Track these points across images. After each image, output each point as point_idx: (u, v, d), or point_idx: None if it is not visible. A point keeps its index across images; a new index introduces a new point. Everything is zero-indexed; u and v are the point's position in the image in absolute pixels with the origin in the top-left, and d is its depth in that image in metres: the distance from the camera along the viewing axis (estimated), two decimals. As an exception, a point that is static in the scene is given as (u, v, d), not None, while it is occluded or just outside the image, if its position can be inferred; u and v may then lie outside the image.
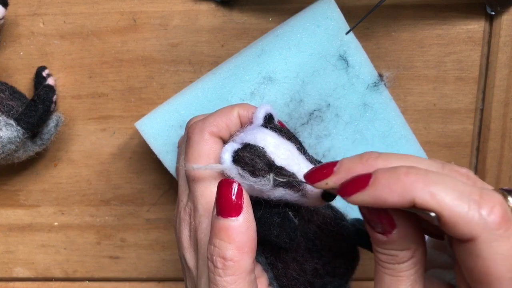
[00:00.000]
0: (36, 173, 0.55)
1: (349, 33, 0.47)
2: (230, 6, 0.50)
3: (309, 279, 0.40)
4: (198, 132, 0.39)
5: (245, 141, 0.37)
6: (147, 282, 0.59)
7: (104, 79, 0.52)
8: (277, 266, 0.40)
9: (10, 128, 0.47)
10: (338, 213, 0.43)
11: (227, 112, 0.40)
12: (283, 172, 0.36)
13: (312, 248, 0.40)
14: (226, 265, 0.34)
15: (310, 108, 0.48)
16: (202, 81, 0.48)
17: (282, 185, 0.36)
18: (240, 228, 0.35)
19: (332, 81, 0.48)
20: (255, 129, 0.37)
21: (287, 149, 0.36)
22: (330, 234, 0.41)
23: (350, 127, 0.48)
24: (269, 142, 0.36)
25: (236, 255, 0.34)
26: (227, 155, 0.36)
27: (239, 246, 0.34)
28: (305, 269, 0.40)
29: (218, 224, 0.35)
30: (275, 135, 0.37)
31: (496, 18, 0.50)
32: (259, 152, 0.36)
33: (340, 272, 0.41)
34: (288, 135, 0.37)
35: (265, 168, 0.36)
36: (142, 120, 0.48)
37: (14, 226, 0.57)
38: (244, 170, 0.36)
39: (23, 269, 0.59)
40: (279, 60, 0.47)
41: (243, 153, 0.36)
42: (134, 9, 0.50)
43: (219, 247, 0.34)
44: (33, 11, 0.51)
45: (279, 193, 0.36)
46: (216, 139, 0.39)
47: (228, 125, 0.39)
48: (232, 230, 0.34)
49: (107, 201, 0.56)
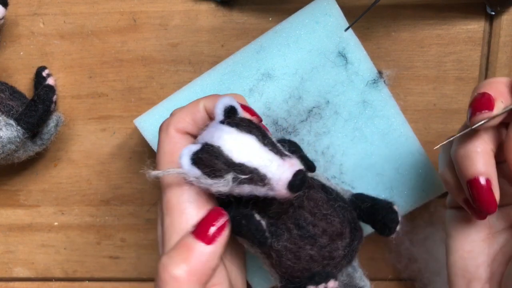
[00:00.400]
0: (36, 173, 0.55)
1: (348, 30, 0.47)
2: (230, 6, 0.50)
3: (305, 266, 0.40)
4: (164, 130, 0.39)
5: (204, 140, 0.36)
6: (147, 282, 0.59)
7: (104, 79, 0.52)
8: (271, 256, 0.40)
9: (10, 128, 0.47)
10: (332, 194, 0.42)
11: (192, 106, 0.39)
12: (244, 168, 0.35)
13: (305, 234, 0.40)
14: (167, 279, 0.34)
15: (309, 105, 0.48)
16: (202, 78, 0.48)
17: (246, 182, 0.35)
18: (202, 256, 0.35)
19: (331, 78, 0.48)
20: (213, 127, 0.37)
21: (246, 144, 0.35)
22: (324, 218, 0.40)
23: (349, 124, 0.48)
24: (225, 139, 0.35)
25: (182, 275, 0.35)
26: (185, 159, 0.35)
27: (192, 271, 0.35)
28: (299, 256, 0.40)
29: (186, 241, 0.36)
30: (232, 130, 0.36)
31: (496, 18, 0.50)
32: (215, 151, 0.35)
33: (339, 254, 0.41)
34: (248, 128, 0.36)
35: (224, 168, 0.35)
36: (141, 117, 0.48)
37: (14, 226, 0.57)
38: (202, 173, 0.35)
39: (23, 269, 0.59)
40: (278, 56, 0.47)
41: (202, 155, 0.35)
42: (134, 9, 0.51)
43: (173, 261, 0.35)
44: (33, 11, 0.51)
45: (245, 190, 0.35)
46: (182, 135, 0.39)
47: (194, 120, 0.39)
48: (194, 253, 0.35)
49: (107, 201, 0.56)
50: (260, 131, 0.36)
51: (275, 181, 0.35)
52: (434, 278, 0.54)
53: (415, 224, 0.54)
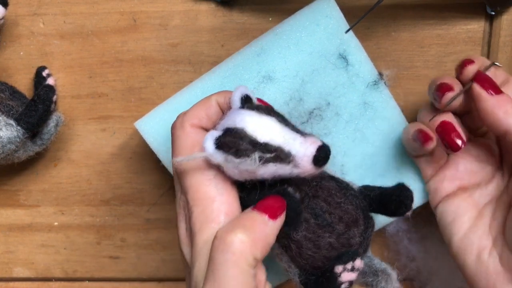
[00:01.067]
0: (36, 173, 0.55)
1: (349, 32, 0.47)
2: (230, 6, 0.50)
3: (325, 254, 0.40)
4: (179, 127, 0.39)
5: (225, 126, 0.37)
6: (147, 282, 0.59)
7: (104, 79, 0.52)
8: (290, 248, 0.40)
9: (10, 128, 0.47)
10: (343, 184, 0.43)
11: (205, 102, 0.40)
12: (268, 147, 0.35)
13: (322, 223, 0.40)
14: (233, 241, 0.34)
15: (310, 107, 0.48)
16: (202, 80, 0.48)
17: (271, 160, 0.35)
18: (266, 227, 0.36)
19: (332, 79, 0.48)
20: (233, 113, 0.37)
21: (268, 124, 0.36)
22: (338, 206, 0.41)
23: (350, 125, 0.48)
24: (247, 122, 0.36)
25: (246, 240, 0.34)
26: (209, 143, 0.36)
27: (255, 239, 0.35)
28: (319, 245, 0.40)
29: (248, 215, 0.36)
30: (252, 113, 0.37)
31: (496, 18, 0.50)
32: (239, 133, 0.36)
33: (356, 241, 0.41)
34: (267, 111, 0.37)
35: (249, 148, 0.35)
36: (141, 119, 0.48)
37: (14, 226, 0.57)
38: (227, 153, 0.36)
39: (23, 269, 0.59)
40: (278, 59, 0.47)
41: (224, 139, 0.36)
42: (134, 9, 0.50)
43: (235, 227, 0.35)
44: (33, 11, 0.51)
45: (270, 170, 0.36)
46: (198, 130, 0.39)
47: (208, 114, 0.40)
48: (258, 224, 0.35)
49: (107, 201, 0.56)
50: (278, 114, 0.38)
51: (299, 157, 0.35)
52: (432, 277, 0.54)
53: (413, 223, 0.54)
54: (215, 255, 0.34)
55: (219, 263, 0.34)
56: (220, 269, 0.34)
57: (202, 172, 0.38)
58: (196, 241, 0.37)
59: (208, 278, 0.34)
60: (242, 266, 0.34)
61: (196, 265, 0.36)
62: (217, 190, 0.37)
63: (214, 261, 0.34)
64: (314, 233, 0.40)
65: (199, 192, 0.37)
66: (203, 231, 0.37)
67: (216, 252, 0.34)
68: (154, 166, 0.54)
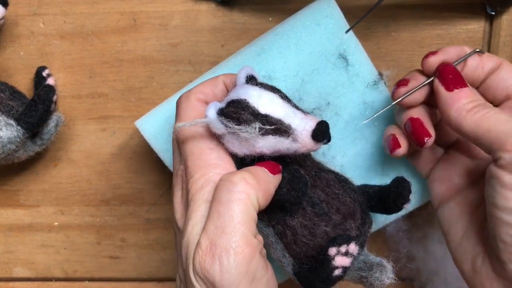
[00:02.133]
0: (36, 173, 0.55)
1: (349, 32, 0.47)
2: (230, 6, 0.50)
3: (320, 243, 0.40)
4: (184, 100, 0.40)
5: (229, 99, 0.37)
6: (147, 282, 0.59)
7: (104, 79, 0.52)
8: (286, 234, 0.40)
9: (10, 128, 0.47)
10: (341, 177, 0.43)
11: (212, 80, 0.41)
12: (269, 119, 0.36)
13: (319, 211, 0.40)
14: (239, 180, 0.35)
15: (309, 106, 0.48)
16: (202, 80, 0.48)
17: (271, 132, 0.36)
18: (268, 176, 0.37)
19: (332, 79, 0.48)
20: (237, 87, 0.38)
21: (270, 98, 0.37)
22: (336, 197, 0.41)
23: (350, 125, 0.48)
24: (251, 94, 0.37)
25: (252, 181, 0.35)
26: (211, 111, 0.36)
27: (258, 181, 0.36)
28: (314, 233, 0.40)
29: (251, 168, 0.37)
30: (256, 87, 0.37)
31: (496, 18, 0.50)
32: (242, 104, 0.37)
33: (352, 234, 0.41)
34: (270, 87, 0.38)
35: (250, 118, 0.36)
36: (142, 118, 0.48)
37: (14, 226, 0.57)
38: (228, 121, 0.36)
39: (23, 269, 0.59)
40: (278, 58, 0.47)
41: (227, 109, 0.37)
42: (134, 9, 0.50)
43: (241, 171, 0.36)
44: (33, 11, 0.51)
45: (269, 143, 0.37)
46: (203, 104, 0.40)
47: (214, 92, 0.40)
48: (261, 173, 0.36)
49: (107, 201, 0.56)
50: (281, 92, 0.38)
51: (299, 131, 0.36)
52: (432, 277, 0.54)
53: (413, 223, 0.54)
54: (221, 194, 0.35)
55: (225, 200, 0.34)
56: (226, 205, 0.34)
57: (204, 141, 0.38)
58: (194, 200, 0.37)
59: (211, 217, 0.34)
60: (247, 204, 0.35)
61: (192, 219, 0.36)
62: (218, 159, 0.38)
63: (219, 199, 0.35)
64: (310, 220, 0.40)
65: (200, 160, 0.38)
66: (203, 191, 0.37)
67: (222, 191, 0.35)
68: (154, 166, 0.54)
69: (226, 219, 0.34)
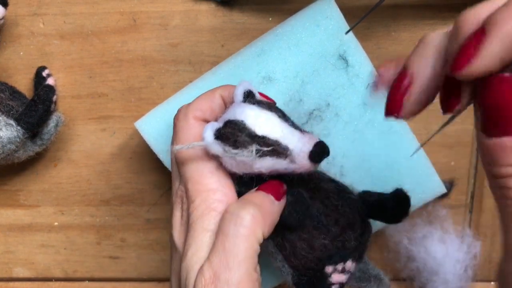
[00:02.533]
0: (36, 173, 0.55)
1: (349, 33, 0.47)
2: (230, 6, 0.50)
3: (319, 256, 0.40)
4: (182, 118, 0.40)
5: (226, 119, 0.37)
6: (147, 282, 0.59)
7: (104, 79, 0.52)
8: (284, 247, 0.41)
9: (10, 128, 0.47)
10: (341, 186, 0.43)
11: (209, 95, 0.41)
12: (266, 140, 0.36)
13: (318, 224, 0.40)
14: (246, 216, 0.35)
15: (309, 107, 0.48)
16: (202, 80, 0.48)
17: (268, 154, 0.36)
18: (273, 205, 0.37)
19: (331, 80, 0.48)
20: (234, 106, 0.38)
21: (267, 118, 0.37)
22: (335, 208, 0.41)
23: (349, 126, 0.48)
24: (247, 114, 0.37)
25: (258, 215, 0.35)
26: (208, 133, 0.36)
27: (264, 213, 0.36)
28: (313, 246, 0.40)
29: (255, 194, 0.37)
30: (253, 107, 0.37)
31: (496, 18, 0.50)
32: (239, 125, 0.36)
33: (351, 245, 0.41)
34: (268, 106, 0.38)
35: (247, 140, 0.36)
36: (141, 119, 0.48)
37: (14, 226, 0.57)
38: (225, 144, 0.36)
39: (23, 269, 0.59)
40: (278, 59, 0.47)
41: (224, 130, 0.37)
42: (134, 9, 0.50)
43: (247, 203, 0.36)
44: (33, 11, 0.51)
45: (267, 164, 0.36)
46: (201, 123, 0.40)
47: (211, 107, 0.40)
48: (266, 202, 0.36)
49: (107, 201, 0.56)
50: (279, 110, 0.38)
51: (296, 152, 0.36)
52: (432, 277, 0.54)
53: (413, 223, 0.54)
54: (227, 228, 0.35)
55: (231, 235, 0.35)
56: (231, 241, 0.35)
57: (204, 164, 0.38)
58: (194, 227, 0.37)
59: (216, 250, 0.35)
60: (252, 241, 0.35)
61: (193, 248, 0.37)
62: (219, 183, 0.38)
63: (225, 233, 0.35)
64: (309, 233, 0.40)
65: (200, 184, 0.38)
66: (203, 218, 0.37)
67: (229, 225, 0.35)
68: (154, 166, 0.54)
69: (231, 254, 0.34)
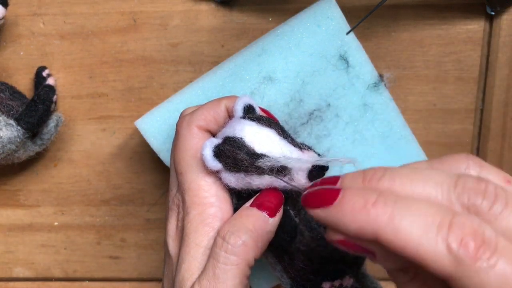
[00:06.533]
0: (36, 173, 0.55)
1: (350, 33, 0.47)
2: (230, 6, 0.50)
3: (317, 268, 0.40)
4: (185, 127, 0.40)
5: (225, 135, 0.37)
6: (147, 282, 0.59)
7: (104, 79, 0.52)
8: (283, 258, 0.41)
9: (10, 128, 0.47)
10: None
11: (214, 105, 0.40)
12: (265, 159, 0.36)
13: (316, 236, 0.40)
14: (237, 244, 0.35)
15: (310, 108, 0.48)
16: (202, 80, 0.48)
17: (267, 172, 0.36)
18: (266, 225, 0.36)
19: (332, 81, 0.48)
20: (234, 122, 0.38)
21: (267, 136, 0.37)
22: None
23: (350, 127, 0.48)
24: (247, 132, 0.37)
25: (250, 242, 0.35)
26: (207, 151, 0.36)
27: (256, 237, 0.36)
28: (311, 258, 0.40)
29: (248, 212, 0.37)
30: (253, 123, 0.37)
31: (496, 18, 0.50)
32: (238, 143, 0.36)
33: (350, 258, 0.41)
34: (268, 123, 0.38)
35: (246, 158, 0.36)
36: (142, 118, 0.48)
37: (14, 226, 0.57)
38: (224, 161, 0.36)
39: (23, 269, 0.59)
40: (279, 59, 0.47)
41: (223, 147, 0.37)
42: (134, 9, 0.50)
43: (239, 228, 0.36)
44: (33, 11, 0.51)
45: (266, 181, 0.36)
46: (204, 133, 0.40)
47: (215, 118, 0.40)
48: (259, 221, 0.36)
49: (107, 201, 0.56)
50: (279, 126, 0.38)
51: (295, 171, 0.36)
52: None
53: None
54: (219, 254, 0.35)
55: (222, 262, 0.35)
56: (221, 268, 0.35)
57: (203, 177, 0.38)
58: (187, 241, 0.38)
59: (207, 273, 0.35)
60: (242, 267, 0.35)
61: (186, 263, 0.37)
62: (216, 197, 0.38)
63: (216, 258, 0.35)
64: (307, 246, 0.40)
65: (197, 197, 0.38)
66: (197, 234, 0.37)
67: (219, 252, 0.35)
68: (154, 166, 0.54)
69: (219, 281, 0.35)
